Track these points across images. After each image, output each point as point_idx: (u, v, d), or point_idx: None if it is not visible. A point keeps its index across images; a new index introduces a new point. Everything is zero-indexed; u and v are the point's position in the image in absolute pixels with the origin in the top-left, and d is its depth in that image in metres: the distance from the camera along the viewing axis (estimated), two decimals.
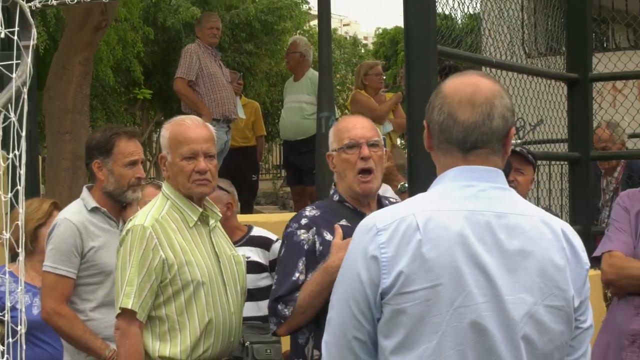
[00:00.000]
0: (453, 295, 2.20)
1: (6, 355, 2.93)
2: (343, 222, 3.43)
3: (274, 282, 3.52)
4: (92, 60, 10.69)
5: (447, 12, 5.16)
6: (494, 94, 2.33)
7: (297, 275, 3.40)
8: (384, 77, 8.62)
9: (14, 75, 2.90)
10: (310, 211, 3.56)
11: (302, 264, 3.42)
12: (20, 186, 2.94)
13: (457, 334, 2.20)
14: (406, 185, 4.47)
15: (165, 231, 3.55)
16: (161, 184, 3.93)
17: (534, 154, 4.57)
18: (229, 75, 8.46)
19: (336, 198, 3.56)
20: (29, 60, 2.95)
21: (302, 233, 3.46)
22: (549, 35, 7.13)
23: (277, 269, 3.55)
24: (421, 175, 4.03)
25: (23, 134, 2.91)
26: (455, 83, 2.38)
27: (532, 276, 2.26)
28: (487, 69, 6.47)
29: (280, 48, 21.83)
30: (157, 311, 3.53)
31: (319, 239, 3.43)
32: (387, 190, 4.90)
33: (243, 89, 10.07)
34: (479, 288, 2.21)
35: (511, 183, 4.05)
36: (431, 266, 2.20)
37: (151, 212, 3.60)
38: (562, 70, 6.23)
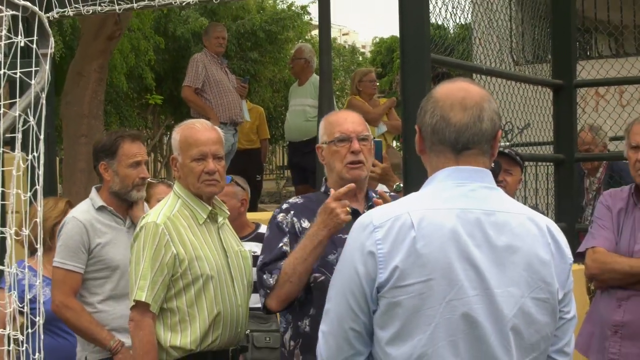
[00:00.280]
0: (445, 289, 2.20)
1: (25, 345, 2.93)
2: None
3: (260, 255, 3.37)
4: (107, 67, 10.69)
5: (440, 22, 5.15)
6: (483, 99, 2.35)
7: (282, 245, 3.26)
8: (377, 83, 8.60)
9: (33, 81, 2.90)
10: (294, 199, 3.46)
11: (286, 239, 3.27)
12: (38, 186, 2.94)
13: (450, 326, 2.20)
14: (401, 185, 4.45)
15: (176, 228, 3.55)
16: (171, 183, 3.93)
17: (522, 156, 4.57)
18: (235, 81, 8.45)
19: (323, 189, 3.42)
20: (47, 67, 2.95)
21: (281, 216, 3.34)
22: (536, 44, 7.13)
23: (263, 248, 3.38)
24: (415, 175, 4.02)
25: (41, 137, 2.91)
26: (446, 88, 2.39)
27: (520, 270, 2.26)
28: (478, 76, 6.47)
29: (283, 56, 21.83)
30: (169, 303, 3.53)
31: (297, 224, 3.30)
32: (384, 190, 4.87)
33: (248, 94, 10.06)
34: (470, 282, 2.21)
35: (500, 183, 4.05)
36: (425, 262, 2.20)
37: (163, 210, 3.60)
38: (548, 76, 6.22)
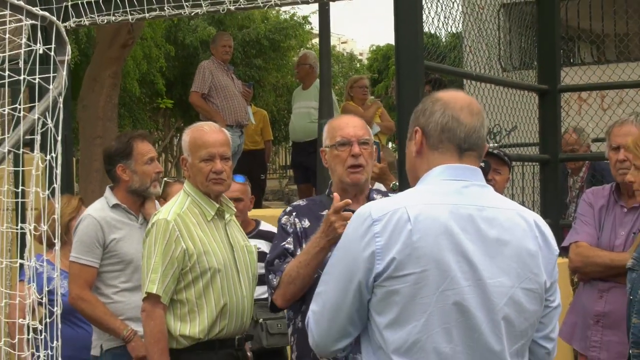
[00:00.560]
0: (439, 279, 2.20)
1: (44, 333, 2.92)
2: (325, 212, 3.18)
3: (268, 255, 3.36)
4: (120, 73, 10.69)
5: (433, 31, 5.15)
6: (481, 111, 2.39)
7: (285, 244, 3.22)
8: (368, 89, 8.60)
9: (51, 86, 2.90)
10: (298, 202, 3.42)
11: (290, 239, 3.24)
12: (56, 184, 2.94)
13: (443, 314, 2.20)
14: (397, 184, 4.45)
15: (186, 224, 3.55)
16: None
17: (510, 156, 4.55)
18: (241, 86, 8.44)
19: (327, 192, 3.36)
20: (64, 73, 2.94)
21: (285, 219, 3.30)
22: (522, 51, 7.13)
23: (270, 249, 3.37)
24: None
25: (59, 138, 2.90)
26: (451, 94, 2.42)
27: (510, 262, 2.26)
28: (468, 81, 6.46)
29: (285, 63, 21.85)
30: (179, 295, 3.53)
31: (299, 224, 3.27)
32: (380, 188, 4.86)
33: (253, 99, 10.05)
34: (463, 273, 2.21)
35: (490, 181, 4.04)
36: (420, 254, 2.20)
37: (174, 208, 3.60)
38: (534, 82, 6.22)
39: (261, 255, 4.29)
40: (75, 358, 4.14)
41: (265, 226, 4.72)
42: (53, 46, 2.94)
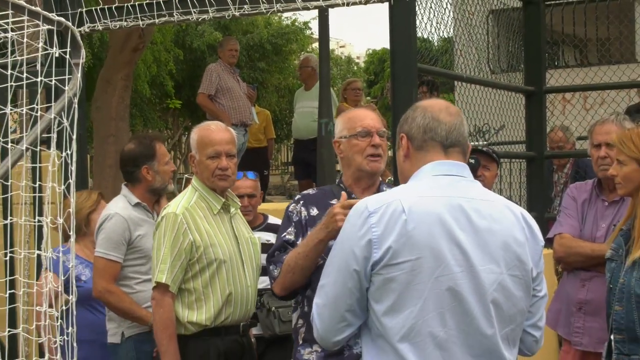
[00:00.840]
0: (433, 266, 2.21)
1: (60, 320, 2.93)
2: (334, 201, 3.09)
3: None
4: (132, 76, 10.68)
5: (426, 36, 5.15)
6: (459, 112, 2.44)
7: (285, 234, 3.12)
8: (360, 91, 8.60)
9: (67, 87, 2.90)
10: (309, 191, 3.29)
11: (292, 229, 3.13)
12: (71, 180, 2.94)
13: (438, 299, 2.21)
14: (392, 179, 4.45)
15: (193, 218, 3.54)
16: None
17: (498, 153, 4.55)
18: (246, 88, 8.44)
19: (337, 181, 3.26)
20: (79, 75, 2.94)
21: (292, 206, 3.18)
22: (510, 55, 7.12)
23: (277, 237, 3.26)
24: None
25: (74, 137, 2.90)
26: (429, 101, 2.49)
27: (498, 250, 2.27)
28: (459, 83, 6.46)
29: (287, 66, 21.86)
30: (186, 284, 3.53)
31: (305, 211, 3.14)
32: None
33: (256, 100, 10.04)
34: (456, 260, 2.22)
35: (479, 177, 4.05)
36: (415, 242, 2.21)
37: (182, 202, 3.59)
38: (521, 84, 6.21)
39: (268, 247, 4.30)
40: (96, 341, 4.15)
41: (273, 220, 4.73)
42: (68, 50, 2.94)
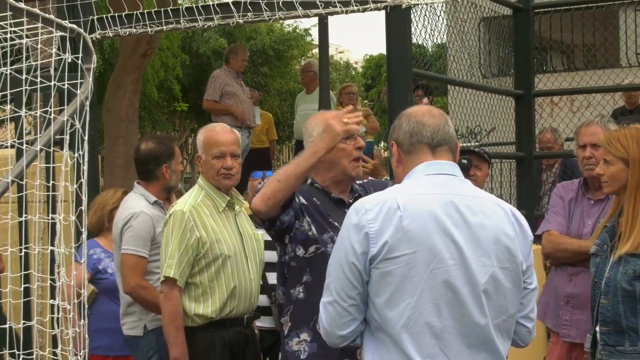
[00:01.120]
0: (429, 259, 2.21)
1: (72, 313, 2.92)
2: (314, 199, 3.03)
3: None
4: (141, 80, 10.67)
5: (420, 42, 5.14)
6: (442, 113, 2.45)
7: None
8: (355, 95, 8.59)
9: (79, 91, 2.89)
10: None
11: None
12: (83, 179, 2.93)
13: (433, 291, 2.21)
14: (388, 178, 4.44)
15: (199, 215, 3.54)
16: None
17: (489, 154, 4.54)
18: (249, 92, 8.43)
19: (308, 182, 3.11)
20: (90, 79, 2.94)
21: None
22: (501, 60, 7.12)
23: None
24: None
25: (86, 138, 2.90)
26: (412, 108, 2.50)
27: (490, 244, 2.27)
28: (452, 87, 6.45)
29: (289, 71, 21.87)
30: (193, 279, 3.52)
31: (297, 197, 2.97)
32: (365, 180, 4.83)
33: (260, 103, 10.04)
34: (450, 253, 2.23)
35: (471, 177, 4.03)
36: (411, 237, 2.21)
37: (189, 200, 3.58)
38: (511, 87, 6.21)
39: (272, 243, 4.29)
40: (119, 330, 4.12)
41: None
42: (80, 55, 2.94)
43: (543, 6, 6.94)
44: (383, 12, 4.34)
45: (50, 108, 3.21)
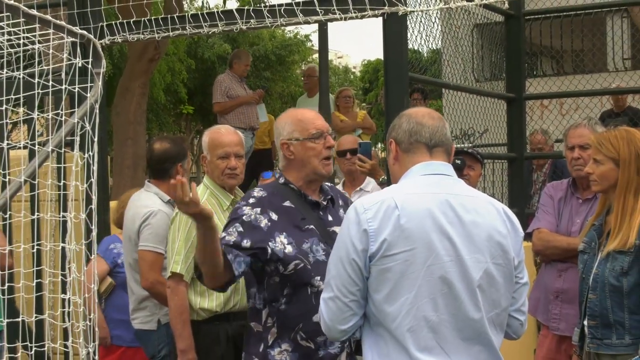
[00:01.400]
0: (425, 256, 2.21)
1: (82, 307, 2.92)
2: (287, 203, 2.93)
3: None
4: (148, 84, 10.69)
5: (416, 48, 5.14)
6: (441, 117, 2.45)
7: (224, 235, 2.87)
8: (350, 98, 8.58)
9: (89, 94, 2.89)
10: (258, 192, 2.96)
11: (234, 228, 2.86)
12: (93, 179, 2.93)
13: (430, 286, 2.21)
14: (385, 178, 4.44)
15: None
16: None
17: (482, 154, 4.54)
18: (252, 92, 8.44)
19: (282, 181, 2.99)
20: (100, 83, 2.94)
21: (247, 209, 2.89)
22: (493, 65, 7.12)
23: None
24: None
25: (95, 139, 2.90)
26: (413, 109, 2.50)
27: (483, 241, 2.28)
28: (446, 90, 6.45)
29: (290, 75, 21.89)
30: None
31: (266, 217, 2.87)
32: (371, 182, 4.83)
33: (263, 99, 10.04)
34: (445, 250, 2.23)
35: (465, 177, 4.03)
36: (408, 234, 2.21)
37: None
38: (503, 91, 6.20)
39: None
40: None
41: None
42: (90, 60, 2.94)
43: (533, 13, 6.93)
44: (380, 19, 4.34)
45: (61, 111, 3.21)
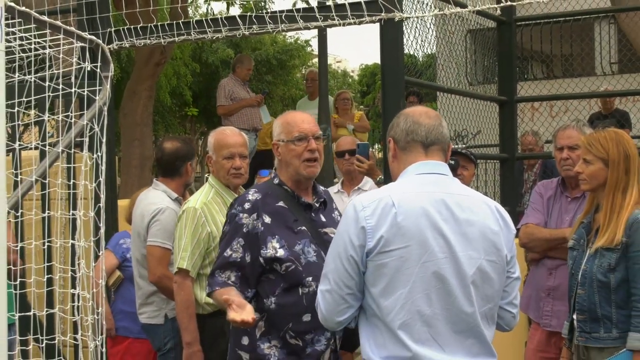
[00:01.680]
0: (420, 253, 2.22)
1: (91, 301, 2.92)
2: (280, 204, 2.92)
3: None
4: (155, 87, 10.68)
5: (412, 52, 5.14)
6: (438, 115, 2.45)
7: (230, 252, 2.88)
8: (348, 100, 8.58)
9: (97, 97, 2.89)
10: (252, 195, 2.94)
11: (237, 244, 2.88)
12: (101, 178, 2.94)
13: (424, 282, 2.21)
14: (382, 177, 4.44)
15: (210, 211, 3.52)
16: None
17: (475, 155, 4.54)
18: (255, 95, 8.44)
19: (276, 181, 2.99)
20: (108, 86, 2.94)
21: (245, 217, 2.88)
22: (485, 69, 7.11)
23: (220, 244, 3.01)
24: None
25: (104, 141, 2.90)
26: (411, 108, 2.50)
27: (477, 239, 2.28)
28: (441, 93, 6.45)
29: (291, 79, 21.89)
30: (204, 270, 3.50)
31: (260, 221, 2.88)
32: (368, 181, 4.82)
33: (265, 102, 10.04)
34: (440, 247, 2.23)
35: (458, 176, 4.03)
36: (404, 232, 2.21)
37: (200, 197, 3.57)
38: (495, 94, 6.20)
39: None
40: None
41: None
42: (99, 64, 2.94)
43: (524, 19, 6.94)
44: (377, 25, 4.34)
45: (71, 113, 3.21)
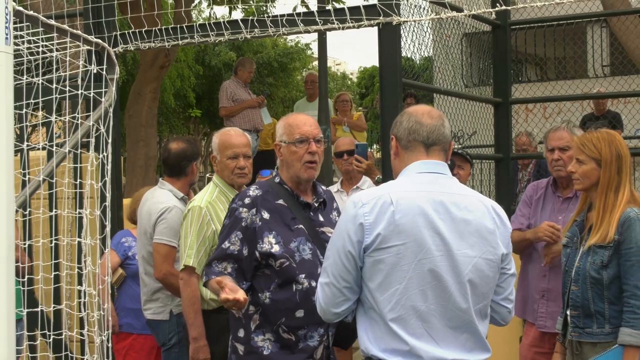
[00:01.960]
0: (417, 250, 2.21)
1: (97, 297, 2.91)
2: (280, 201, 2.93)
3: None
4: (159, 89, 10.68)
5: (409, 55, 5.13)
6: (441, 115, 2.43)
7: (228, 245, 2.89)
8: (347, 102, 8.58)
9: (103, 99, 2.88)
10: (253, 191, 2.95)
11: (236, 237, 2.89)
12: (107, 178, 2.93)
13: (420, 279, 2.21)
14: (381, 177, 4.43)
15: (215, 210, 3.51)
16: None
17: (471, 155, 4.53)
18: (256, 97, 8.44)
19: (277, 180, 3.00)
20: (114, 88, 2.93)
21: (244, 212, 2.90)
22: (481, 71, 7.11)
23: (219, 236, 3.01)
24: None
25: (109, 141, 2.89)
26: (415, 107, 2.47)
27: (473, 237, 2.27)
28: (437, 95, 6.44)
29: (291, 81, 21.90)
30: None
31: (258, 216, 2.89)
32: (367, 181, 4.82)
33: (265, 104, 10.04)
34: (436, 245, 2.22)
35: (455, 176, 4.02)
36: (401, 230, 2.21)
37: (205, 196, 3.56)
38: (490, 96, 6.20)
39: None
40: (141, 310, 4.10)
41: None
42: (105, 67, 2.93)
43: (519, 23, 6.93)
44: (376, 29, 4.33)
45: (77, 114, 3.21)
